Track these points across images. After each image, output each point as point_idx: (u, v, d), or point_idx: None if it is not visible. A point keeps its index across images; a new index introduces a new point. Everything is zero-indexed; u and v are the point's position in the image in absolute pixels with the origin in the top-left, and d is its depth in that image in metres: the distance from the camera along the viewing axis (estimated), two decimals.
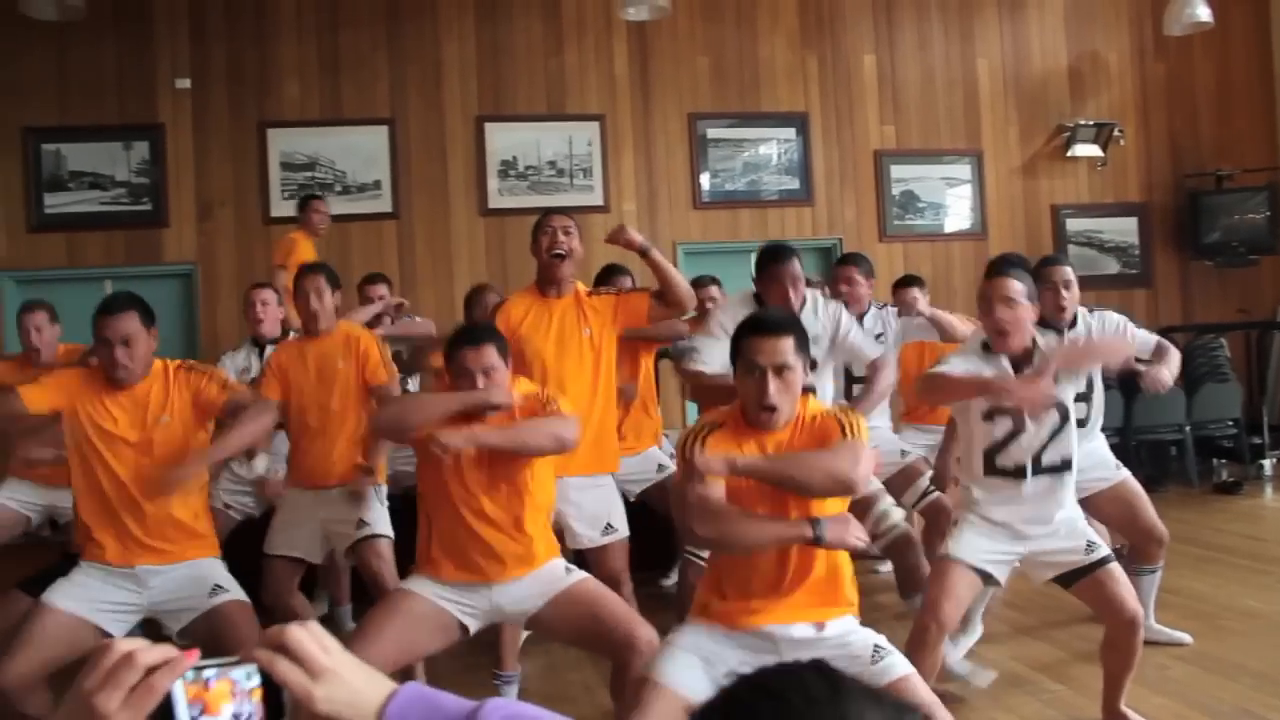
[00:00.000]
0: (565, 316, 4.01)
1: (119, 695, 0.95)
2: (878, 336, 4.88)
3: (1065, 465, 3.41)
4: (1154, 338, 4.21)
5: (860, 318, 4.85)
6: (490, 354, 3.13)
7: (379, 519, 4.08)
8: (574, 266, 4.08)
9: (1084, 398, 4.05)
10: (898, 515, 4.06)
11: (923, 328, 5.05)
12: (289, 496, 4.19)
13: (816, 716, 0.79)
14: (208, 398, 3.38)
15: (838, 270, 5.19)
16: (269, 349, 5.14)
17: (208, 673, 1.00)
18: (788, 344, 2.66)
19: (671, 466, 4.50)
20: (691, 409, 6.96)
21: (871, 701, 0.80)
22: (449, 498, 3.16)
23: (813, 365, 4.72)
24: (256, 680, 1.01)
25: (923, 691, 2.59)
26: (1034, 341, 3.38)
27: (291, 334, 5.33)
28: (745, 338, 2.72)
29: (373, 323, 5.52)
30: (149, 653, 0.97)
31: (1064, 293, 4.06)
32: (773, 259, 4.26)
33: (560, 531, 3.83)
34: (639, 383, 4.75)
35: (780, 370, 2.65)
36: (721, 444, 2.69)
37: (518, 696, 3.98)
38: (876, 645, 2.66)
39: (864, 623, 2.76)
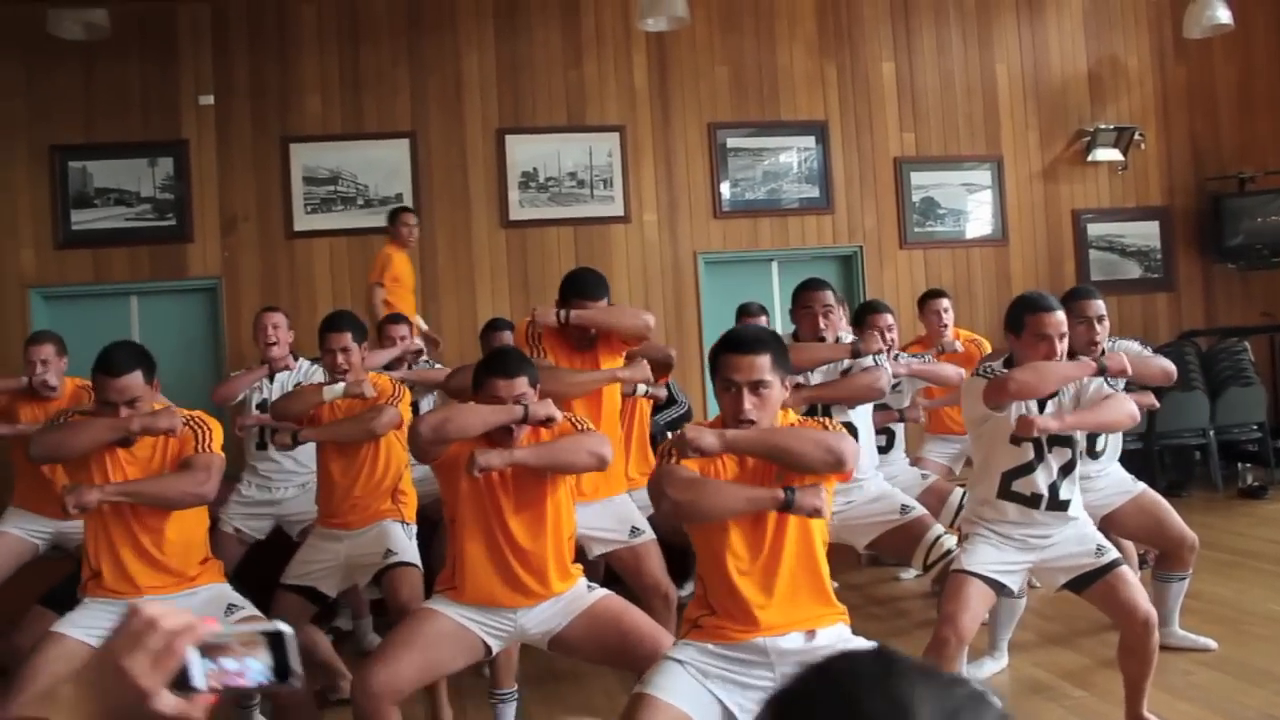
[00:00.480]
0: (585, 354, 4.05)
1: (147, 659, 1.01)
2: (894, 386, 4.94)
3: (1075, 502, 3.55)
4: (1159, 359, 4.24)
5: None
6: (522, 385, 3.18)
7: (407, 550, 4.08)
8: None
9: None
10: (950, 542, 4.05)
11: (911, 381, 5.12)
12: (315, 535, 4.19)
13: (870, 696, 0.81)
14: (189, 451, 3.35)
15: (875, 319, 5.15)
16: (283, 375, 5.19)
17: (227, 637, 1.06)
18: (763, 361, 2.69)
19: None
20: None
21: (923, 678, 0.83)
22: (474, 522, 3.19)
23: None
24: (267, 644, 1.07)
25: None
26: None
27: (303, 364, 5.36)
28: (721, 355, 2.75)
29: (391, 365, 5.58)
30: (171, 618, 1.03)
31: (1097, 327, 4.08)
32: (804, 287, 4.35)
33: (581, 551, 3.86)
34: (635, 424, 4.77)
35: (755, 387, 2.68)
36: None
37: (520, 711, 3.97)
38: None
39: (888, 631, 2.77)
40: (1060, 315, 3.45)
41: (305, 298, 7.51)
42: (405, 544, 4.09)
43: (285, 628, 1.07)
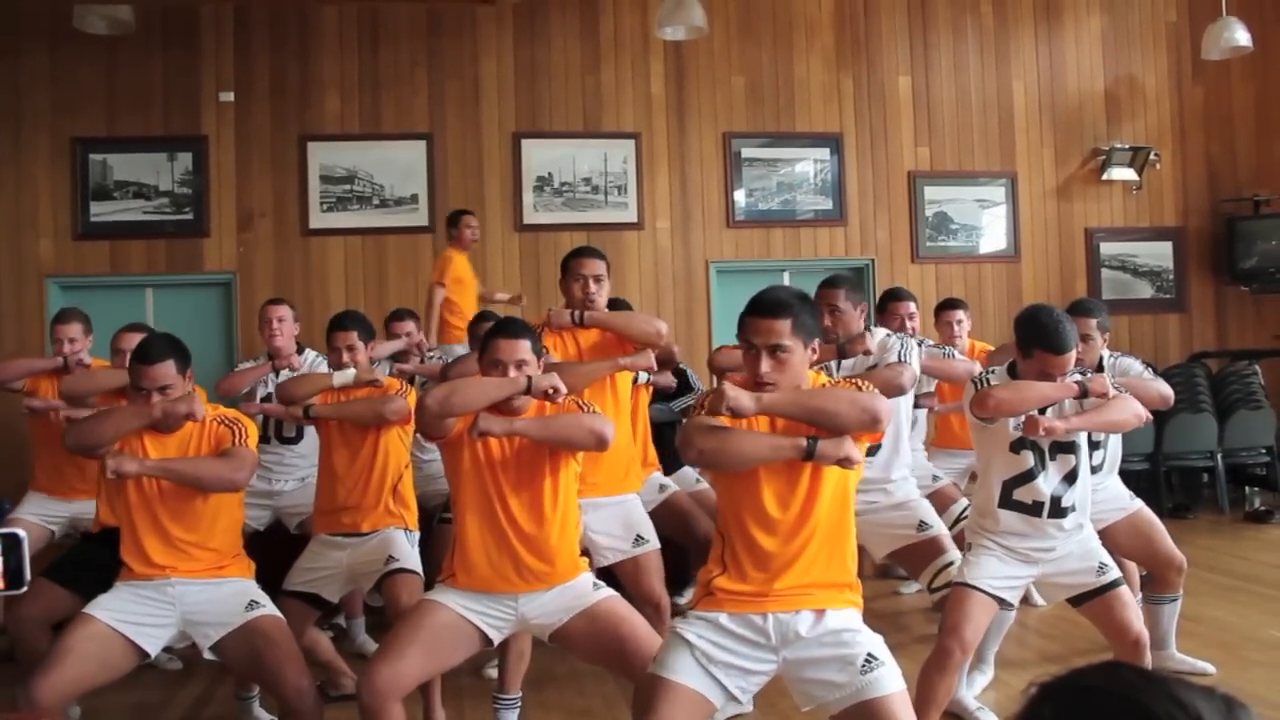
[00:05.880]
0: (591, 346, 4.09)
1: None
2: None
3: (1079, 510, 3.54)
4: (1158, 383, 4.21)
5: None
6: (524, 348, 3.21)
7: (408, 557, 4.09)
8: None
9: (1099, 444, 4.12)
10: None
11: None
12: (316, 542, 4.19)
13: (1156, 699, 0.85)
14: (223, 445, 3.40)
15: (897, 305, 5.22)
16: (287, 373, 5.21)
17: None
18: (782, 326, 2.70)
19: (672, 486, 4.61)
20: None
21: (1193, 687, 0.88)
22: (476, 500, 3.21)
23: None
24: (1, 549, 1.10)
25: (905, 714, 2.59)
26: None
27: (306, 355, 5.39)
28: (745, 316, 2.78)
29: (398, 358, 5.62)
30: None
31: (1082, 345, 4.09)
32: (820, 284, 4.33)
33: (587, 553, 3.88)
34: (635, 416, 4.78)
35: (774, 350, 2.70)
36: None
37: (520, 715, 4.00)
38: (870, 654, 2.63)
39: (887, 644, 2.75)
40: (1070, 356, 3.43)
41: (319, 295, 7.57)
42: (407, 551, 4.10)
43: (20, 531, 1.10)
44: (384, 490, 4.14)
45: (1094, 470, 4.14)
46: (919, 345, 4.98)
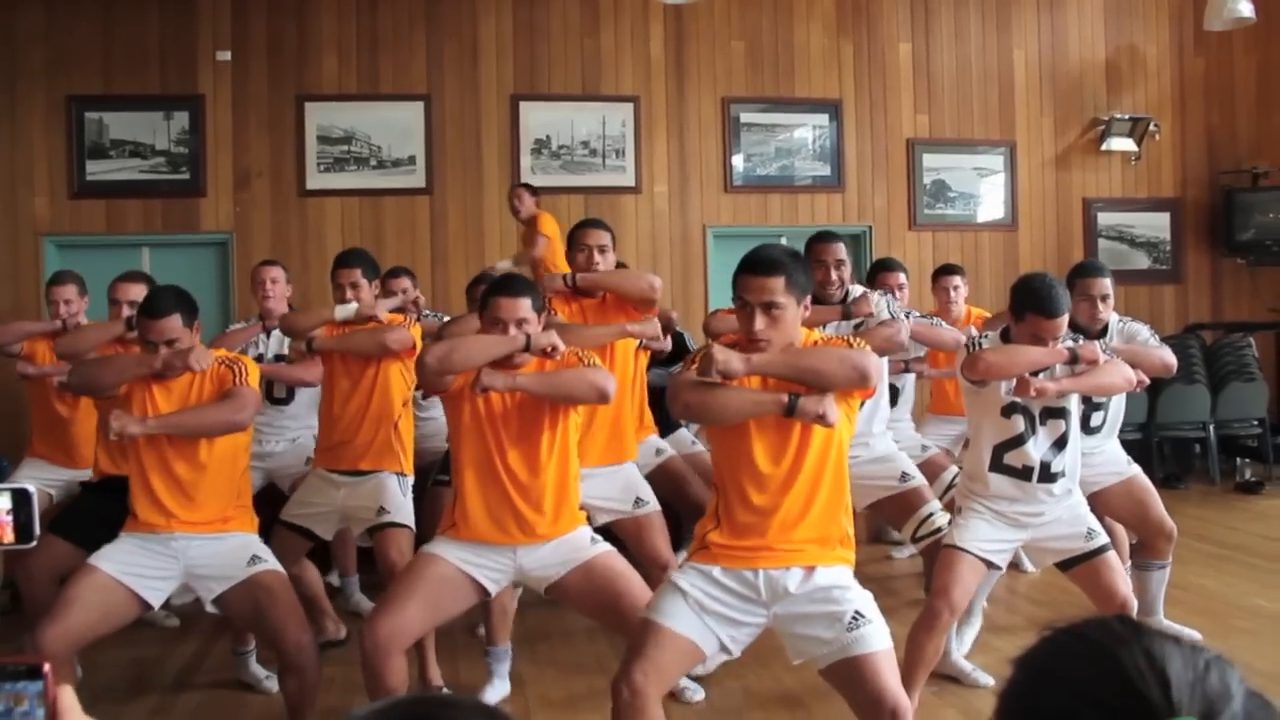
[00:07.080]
0: (595, 311, 4.12)
1: None
2: None
3: (1069, 475, 3.58)
4: (1162, 350, 4.21)
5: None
6: (525, 306, 3.23)
7: (400, 508, 4.12)
8: None
9: (1100, 405, 4.14)
10: (942, 520, 4.09)
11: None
12: (315, 476, 4.24)
13: (1127, 650, 0.87)
14: (225, 386, 3.42)
15: (887, 276, 5.23)
16: (275, 334, 5.19)
17: None
18: (776, 283, 2.74)
19: (669, 450, 4.64)
20: None
21: (1171, 640, 0.90)
22: (475, 453, 3.24)
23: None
24: (11, 503, 1.12)
25: (889, 672, 2.63)
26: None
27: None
28: (739, 274, 2.81)
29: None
30: None
31: (1100, 306, 4.11)
32: (816, 240, 4.33)
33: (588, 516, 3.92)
34: (634, 381, 4.79)
35: (768, 307, 2.74)
36: None
37: (511, 670, 4.05)
38: (857, 611, 2.68)
39: (878, 608, 2.78)
40: (1062, 320, 3.45)
41: (316, 255, 7.54)
42: (400, 501, 4.14)
43: (30, 486, 1.12)
44: (381, 426, 4.15)
45: (1094, 431, 4.18)
46: (907, 316, 5.00)
